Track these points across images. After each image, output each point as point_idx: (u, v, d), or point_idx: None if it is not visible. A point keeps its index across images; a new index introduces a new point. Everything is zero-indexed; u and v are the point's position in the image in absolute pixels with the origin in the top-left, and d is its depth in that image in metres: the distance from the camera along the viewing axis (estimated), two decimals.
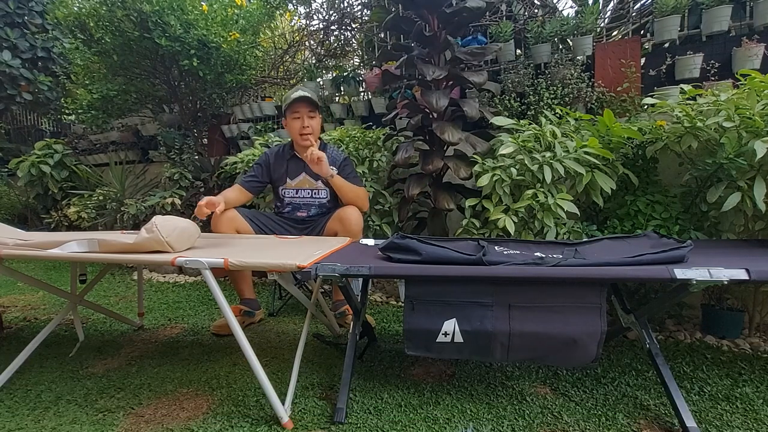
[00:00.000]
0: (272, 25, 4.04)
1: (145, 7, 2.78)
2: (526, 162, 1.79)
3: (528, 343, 1.23)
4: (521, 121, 2.01)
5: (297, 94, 2.00)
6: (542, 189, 1.78)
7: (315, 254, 1.36)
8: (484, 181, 1.82)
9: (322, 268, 1.23)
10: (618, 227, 1.83)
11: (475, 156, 2.00)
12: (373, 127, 2.85)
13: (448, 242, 1.46)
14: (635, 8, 2.52)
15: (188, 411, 1.38)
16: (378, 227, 2.41)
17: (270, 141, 2.94)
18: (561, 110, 2.09)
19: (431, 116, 2.22)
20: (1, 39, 4.31)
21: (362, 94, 3.33)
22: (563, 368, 1.59)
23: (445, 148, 2.23)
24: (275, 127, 3.60)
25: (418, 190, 2.14)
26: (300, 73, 3.87)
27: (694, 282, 1.10)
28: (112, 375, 1.64)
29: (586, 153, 1.74)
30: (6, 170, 4.72)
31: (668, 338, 1.85)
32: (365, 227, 2.30)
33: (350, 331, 1.49)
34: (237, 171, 2.92)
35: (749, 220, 1.67)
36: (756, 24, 2.14)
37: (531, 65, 2.58)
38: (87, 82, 3.58)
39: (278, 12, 3.70)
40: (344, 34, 3.88)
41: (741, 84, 1.67)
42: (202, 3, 3.02)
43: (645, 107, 1.91)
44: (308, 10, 3.92)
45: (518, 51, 2.75)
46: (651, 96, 1.85)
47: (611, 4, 2.67)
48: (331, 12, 3.82)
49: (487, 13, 2.73)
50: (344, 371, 1.39)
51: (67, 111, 4.13)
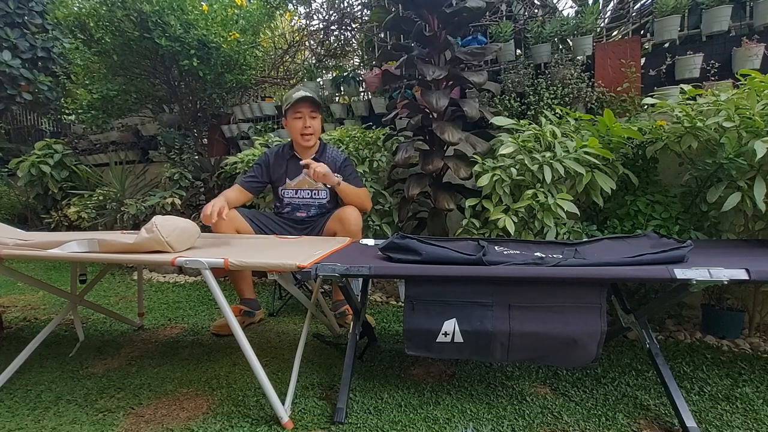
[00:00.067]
0: (272, 25, 4.04)
1: (145, 7, 2.78)
2: (526, 162, 1.79)
3: (528, 343, 1.23)
4: (521, 121, 2.01)
5: (299, 94, 1.98)
6: (542, 189, 1.78)
7: (315, 254, 1.36)
8: (484, 181, 1.82)
9: (322, 268, 1.23)
10: (618, 227, 1.83)
11: (475, 156, 2.00)
12: (373, 127, 2.84)
13: (448, 242, 1.46)
14: (635, 8, 2.52)
15: (188, 411, 1.38)
16: (378, 227, 2.41)
17: (270, 141, 2.95)
18: (561, 110, 2.09)
19: (431, 116, 2.22)
20: (1, 39, 4.31)
21: (362, 94, 3.32)
22: (563, 368, 1.59)
23: (445, 148, 2.23)
24: (275, 127, 3.60)
25: (418, 190, 2.14)
26: (300, 73, 3.87)
27: (694, 282, 1.10)
28: (112, 375, 1.64)
29: (586, 153, 1.74)
30: (6, 170, 4.72)
31: (668, 338, 1.85)
32: (365, 227, 2.30)
33: (350, 331, 1.49)
34: (237, 171, 2.92)
35: (749, 220, 1.67)
36: (756, 24, 2.14)
37: (531, 65, 2.58)
38: (87, 82, 3.58)
39: (278, 12, 3.69)
40: (344, 34, 3.88)
41: (741, 84, 1.67)
42: (202, 3, 3.02)
43: (645, 107, 1.91)
44: (308, 10, 3.92)
45: (518, 51, 2.75)
46: (651, 96, 1.85)
47: (611, 4, 2.67)
48: (331, 12, 3.82)
49: (487, 13, 2.73)
50: (344, 371, 1.39)
51: (67, 111, 4.13)
